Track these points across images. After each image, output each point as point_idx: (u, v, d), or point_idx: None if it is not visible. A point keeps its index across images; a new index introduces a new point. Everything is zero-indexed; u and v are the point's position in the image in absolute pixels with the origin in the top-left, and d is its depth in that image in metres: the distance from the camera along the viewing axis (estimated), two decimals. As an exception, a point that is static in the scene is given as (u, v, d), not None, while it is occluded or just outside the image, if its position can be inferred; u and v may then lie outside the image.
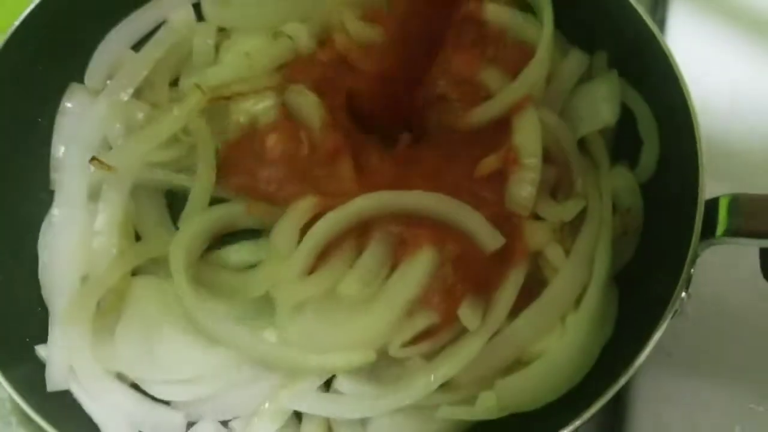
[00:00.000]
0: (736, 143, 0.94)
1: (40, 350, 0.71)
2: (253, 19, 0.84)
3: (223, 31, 0.85)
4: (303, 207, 0.72)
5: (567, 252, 0.73)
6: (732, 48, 1.00)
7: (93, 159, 0.73)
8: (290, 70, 0.81)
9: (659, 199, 0.75)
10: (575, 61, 0.81)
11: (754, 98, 0.97)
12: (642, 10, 0.77)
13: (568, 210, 0.75)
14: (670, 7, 1.02)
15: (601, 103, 0.78)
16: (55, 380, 0.69)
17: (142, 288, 0.72)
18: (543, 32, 0.78)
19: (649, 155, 0.77)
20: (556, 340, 0.70)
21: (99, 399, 0.68)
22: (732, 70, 0.99)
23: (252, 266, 0.74)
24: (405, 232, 0.71)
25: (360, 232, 0.72)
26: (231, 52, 0.83)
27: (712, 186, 0.69)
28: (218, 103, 0.78)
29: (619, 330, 0.72)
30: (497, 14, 0.80)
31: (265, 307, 0.71)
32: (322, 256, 0.71)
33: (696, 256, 0.66)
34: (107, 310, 0.72)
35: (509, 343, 0.70)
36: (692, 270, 0.66)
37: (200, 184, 0.75)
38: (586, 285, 0.71)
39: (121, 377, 0.71)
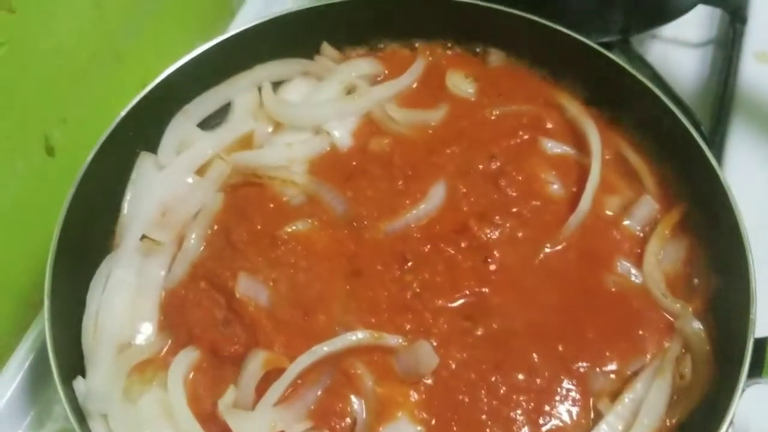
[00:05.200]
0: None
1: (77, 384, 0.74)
2: (301, 117, 0.90)
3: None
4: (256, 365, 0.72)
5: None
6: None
7: (143, 237, 0.79)
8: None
9: (710, 335, 0.74)
10: (647, 206, 0.82)
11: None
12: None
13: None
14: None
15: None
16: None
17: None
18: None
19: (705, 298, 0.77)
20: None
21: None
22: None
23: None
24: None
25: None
26: (276, 142, 0.89)
27: (762, 325, 0.69)
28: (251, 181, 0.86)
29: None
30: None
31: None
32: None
33: (742, 392, 0.67)
34: (139, 377, 0.75)
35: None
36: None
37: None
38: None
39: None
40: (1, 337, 0.92)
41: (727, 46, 1.11)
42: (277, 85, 0.94)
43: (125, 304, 0.78)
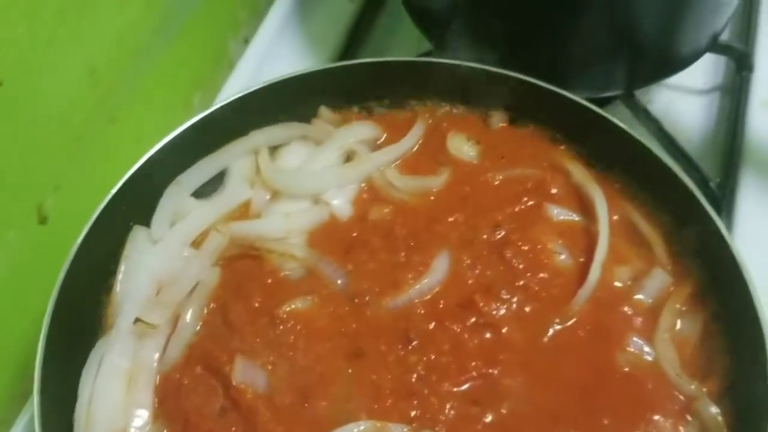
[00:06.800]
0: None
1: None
2: (300, 186, 0.87)
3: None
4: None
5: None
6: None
7: (137, 320, 0.76)
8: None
9: (727, 420, 0.70)
10: (658, 279, 0.79)
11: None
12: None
13: None
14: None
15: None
16: None
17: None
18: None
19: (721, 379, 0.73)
20: None
21: None
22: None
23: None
24: None
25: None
26: (274, 211, 0.86)
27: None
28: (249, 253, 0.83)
29: None
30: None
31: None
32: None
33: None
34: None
35: None
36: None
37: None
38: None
39: None
40: (-1, 411, 0.90)
41: (734, 95, 1.09)
42: (274, 149, 0.92)
43: (119, 390, 0.74)
